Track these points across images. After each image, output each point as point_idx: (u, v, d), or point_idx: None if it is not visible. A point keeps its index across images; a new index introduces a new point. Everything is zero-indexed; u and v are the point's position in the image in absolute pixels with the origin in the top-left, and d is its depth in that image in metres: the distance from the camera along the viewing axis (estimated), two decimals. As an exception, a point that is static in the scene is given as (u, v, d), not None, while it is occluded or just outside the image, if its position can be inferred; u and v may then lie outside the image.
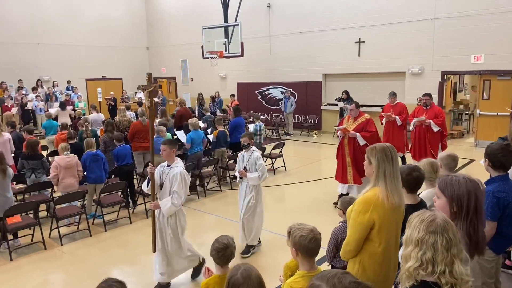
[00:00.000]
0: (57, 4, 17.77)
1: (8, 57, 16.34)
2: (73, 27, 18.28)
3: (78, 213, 6.32)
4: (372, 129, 6.76)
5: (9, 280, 5.07)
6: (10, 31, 16.37)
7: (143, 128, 8.44)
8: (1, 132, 7.61)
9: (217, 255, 2.90)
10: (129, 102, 16.48)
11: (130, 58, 20.66)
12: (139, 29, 21.07)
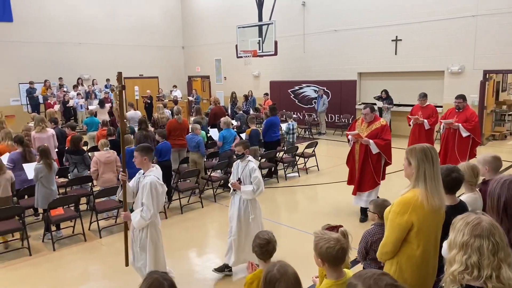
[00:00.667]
0: (97, 5, 18.40)
1: (51, 56, 17.10)
2: (112, 27, 18.88)
3: (116, 207, 6.54)
4: (388, 136, 6.22)
5: (53, 269, 5.33)
6: (54, 32, 17.11)
7: (178, 126, 8.62)
8: (46, 128, 7.99)
9: (260, 251, 2.96)
10: (165, 100, 16.85)
11: (166, 57, 21.11)
12: (175, 29, 21.48)
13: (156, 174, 4.15)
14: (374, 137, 6.19)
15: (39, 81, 16.06)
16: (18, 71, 16.21)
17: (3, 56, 15.90)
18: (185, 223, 6.83)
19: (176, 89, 18.90)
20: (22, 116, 15.35)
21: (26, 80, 16.00)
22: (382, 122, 6.29)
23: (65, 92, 15.94)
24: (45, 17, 16.84)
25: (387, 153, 6.26)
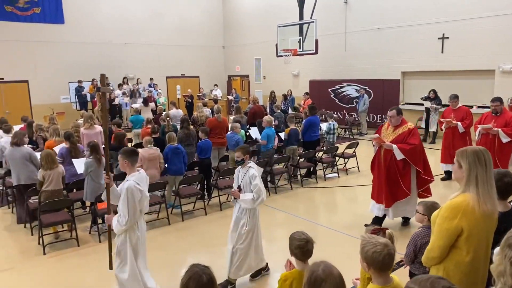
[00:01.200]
0: (142, 6, 18.99)
1: (98, 56, 17.84)
2: (156, 27, 19.42)
3: (159, 202, 6.73)
4: (414, 141, 5.57)
5: (99, 260, 5.55)
6: (101, 33, 17.85)
7: (218, 125, 8.75)
8: (94, 125, 8.36)
9: (301, 252, 2.93)
10: (205, 99, 17.14)
11: (207, 56, 21.46)
12: (216, 29, 21.78)
13: (137, 179, 3.93)
14: (400, 142, 5.60)
15: (87, 80, 16.81)
16: (68, 70, 17.05)
17: (54, 56, 16.78)
18: (224, 219, 6.91)
19: (217, 88, 19.17)
20: (71, 113, 16.12)
21: (75, 79, 16.80)
22: (410, 125, 5.72)
23: (111, 90, 16.58)
24: (94, 19, 17.60)
25: (414, 159, 5.61)
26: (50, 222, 5.79)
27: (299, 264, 2.98)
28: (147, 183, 4.14)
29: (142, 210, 4.02)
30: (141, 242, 4.08)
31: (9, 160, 6.55)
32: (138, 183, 3.93)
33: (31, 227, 6.42)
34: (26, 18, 16.07)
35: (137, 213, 3.92)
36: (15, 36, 15.85)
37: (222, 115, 9.33)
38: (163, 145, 7.69)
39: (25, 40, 16.06)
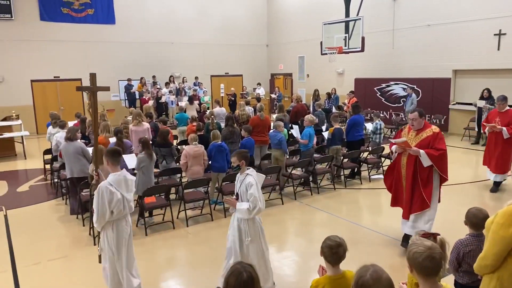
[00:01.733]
0: (188, 6, 19.43)
1: (146, 55, 18.47)
2: (201, 27, 19.80)
3: (202, 198, 6.87)
4: (442, 146, 5.05)
5: (145, 252, 5.76)
6: (149, 32, 18.45)
7: (260, 123, 8.78)
8: (142, 122, 8.66)
9: (329, 252, 2.85)
10: (248, 97, 17.26)
11: (251, 55, 21.59)
12: (260, 27, 21.85)
13: (112, 180, 3.91)
14: (425, 147, 5.10)
15: (135, 78, 17.45)
16: (118, 69, 17.78)
17: (106, 55, 17.56)
18: (265, 218, 6.86)
19: (260, 86, 19.24)
20: (121, 110, 16.81)
21: (124, 77, 17.48)
22: (434, 129, 5.14)
23: (158, 89, 17.11)
24: (143, 19, 18.23)
25: (442, 166, 5.11)
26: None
27: (330, 269, 2.90)
28: (130, 186, 4.09)
29: (115, 212, 3.94)
30: (120, 243, 4.04)
31: (63, 154, 6.93)
32: (112, 184, 3.91)
33: (83, 218, 6.76)
34: (80, 19, 16.93)
35: (106, 213, 3.87)
36: (70, 37, 16.74)
37: (265, 114, 9.35)
38: (207, 142, 7.83)
39: (79, 40, 16.92)
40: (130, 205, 4.09)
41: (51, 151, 9.10)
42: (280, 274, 4.99)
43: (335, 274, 2.85)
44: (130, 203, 4.08)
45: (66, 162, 6.92)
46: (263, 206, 4.16)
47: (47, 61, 16.29)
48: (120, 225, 4.05)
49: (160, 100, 16.64)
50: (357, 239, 5.90)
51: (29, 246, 5.89)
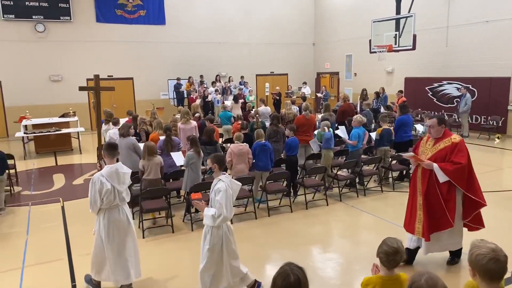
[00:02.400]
0: (235, 6, 19.64)
1: (194, 54, 18.89)
2: (247, 26, 19.95)
3: (247, 196, 6.92)
4: (461, 159, 4.43)
5: (191, 247, 5.90)
6: (197, 32, 18.85)
7: (306, 122, 8.70)
8: (190, 120, 8.88)
9: (385, 258, 2.79)
10: (293, 96, 17.17)
11: (296, 54, 21.46)
12: (307, 26, 21.67)
13: (105, 172, 4.25)
14: (441, 160, 4.50)
15: (184, 77, 17.90)
16: (167, 68, 18.33)
17: (156, 55, 18.16)
18: (309, 218, 6.88)
19: (305, 85, 19.09)
20: (170, 109, 17.32)
21: (173, 77, 17.99)
22: (454, 139, 4.54)
23: (205, 88, 17.45)
24: (191, 20, 18.66)
25: (461, 181, 4.49)
26: (150, 209, 6.29)
27: (383, 270, 2.85)
28: (121, 178, 4.35)
29: (105, 201, 4.24)
30: (110, 230, 4.33)
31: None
32: (104, 175, 4.23)
33: (133, 212, 7.02)
34: (132, 20, 17.62)
35: (97, 202, 4.22)
36: (123, 37, 17.47)
37: (310, 113, 9.25)
38: (251, 141, 7.88)
39: (131, 40, 17.62)
40: (122, 196, 4.36)
41: (104, 147, 9.52)
42: (324, 276, 4.93)
43: (387, 275, 2.80)
44: (121, 194, 4.35)
45: (121, 158, 7.17)
46: (228, 215, 3.94)
47: (102, 61, 17.11)
48: (112, 213, 4.35)
49: (207, 99, 16.96)
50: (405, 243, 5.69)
51: (83, 236, 6.21)
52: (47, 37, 16.12)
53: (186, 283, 4.89)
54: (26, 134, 12.24)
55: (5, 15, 15.24)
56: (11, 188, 8.52)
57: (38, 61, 15.95)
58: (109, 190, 4.22)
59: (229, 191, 3.99)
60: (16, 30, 15.58)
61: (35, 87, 15.61)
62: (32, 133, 12.24)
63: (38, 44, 15.99)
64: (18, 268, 5.27)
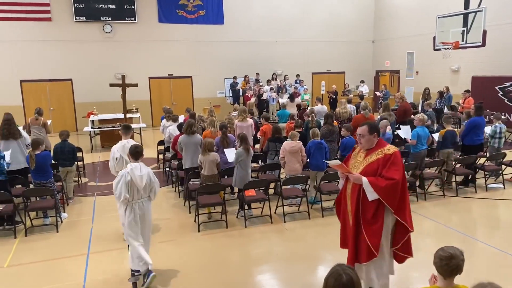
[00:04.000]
0: (292, 4, 19.53)
1: (250, 53, 19.06)
2: (304, 24, 19.77)
3: (300, 195, 6.87)
4: (394, 174, 3.68)
5: (244, 243, 5.97)
6: (254, 31, 18.99)
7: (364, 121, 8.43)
8: (246, 118, 8.97)
9: (439, 263, 2.66)
10: (350, 95, 16.78)
11: (354, 52, 20.92)
12: (366, 23, 21.04)
13: (118, 145, 5.83)
14: (372, 175, 3.77)
15: (240, 76, 18.14)
16: (224, 67, 18.67)
17: (214, 54, 18.56)
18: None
19: (363, 84, 18.57)
20: (225, 107, 17.63)
21: (230, 75, 18.29)
22: (388, 150, 3.79)
23: (260, 86, 17.56)
24: (249, 19, 18.85)
25: (392, 201, 3.71)
26: (205, 203, 6.44)
27: (441, 280, 2.69)
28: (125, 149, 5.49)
29: (117, 168, 5.53)
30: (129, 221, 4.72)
31: (184, 146, 7.35)
32: (118, 149, 5.79)
33: (189, 205, 7.26)
34: (192, 20, 18.15)
35: (113, 168, 5.70)
36: (182, 37, 18.05)
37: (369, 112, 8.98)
38: (305, 140, 7.79)
39: (191, 40, 18.16)
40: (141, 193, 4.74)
41: (164, 142, 9.93)
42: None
43: (446, 286, 2.65)
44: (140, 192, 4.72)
45: (186, 154, 7.34)
46: (118, 197, 4.59)
47: (163, 60, 17.80)
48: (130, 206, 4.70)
49: (262, 97, 17.05)
50: (469, 252, 5.34)
51: (142, 227, 6.50)
52: (113, 37, 17.07)
53: (236, 278, 4.95)
54: (93, 129, 13.07)
55: (77, 17, 16.35)
56: (79, 179, 9.13)
57: (104, 60, 16.95)
58: (117, 158, 5.62)
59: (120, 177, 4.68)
60: (86, 31, 16.66)
61: (102, 84, 16.54)
62: (98, 128, 13.04)
63: (105, 44, 16.98)
64: (84, 254, 5.64)
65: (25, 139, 7.64)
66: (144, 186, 4.70)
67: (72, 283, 4.87)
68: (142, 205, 4.76)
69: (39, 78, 16.23)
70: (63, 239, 6.18)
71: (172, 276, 5.02)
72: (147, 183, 4.75)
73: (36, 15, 15.83)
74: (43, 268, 5.29)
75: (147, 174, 4.77)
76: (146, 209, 4.81)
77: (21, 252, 5.75)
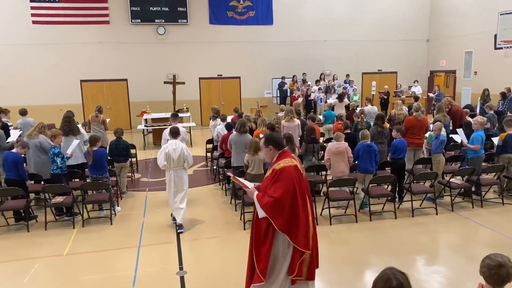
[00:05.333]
0: (343, 3, 19.18)
1: (299, 53, 18.95)
2: (355, 23, 19.33)
3: (347, 198, 6.74)
4: (274, 192, 3.46)
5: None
6: (303, 31, 18.86)
7: (417, 124, 8.13)
8: (293, 118, 8.95)
9: (488, 273, 2.52)
10: (402, 96, 16.22)
11: (408, 51, 20.16)
12: (421, 21, 20.20)
13: (167, 129, 7.11)
14: (264, 190, 3.61)
15: (288, 76, 18.10)
16: (272, 67, 18.71)
17: (262, 54, 18.66)
18: (415, 227, 6.44)
19: (417, 84, 17.87)
20: (272, 107, 17.68)
21: (278, 75, 18.30)
22: (278, 165, 3.57)
23: (308, 86, 17.42)
24: (298, 18, 18.75)
25: (277, 219, 3.45)
26: (250, 202, 6.48)
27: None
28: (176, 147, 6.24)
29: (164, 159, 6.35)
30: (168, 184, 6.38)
31: (233, 145, 7.47)
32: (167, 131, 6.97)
33: (235, 203, 7.36)
34: (242, 22, 18.36)
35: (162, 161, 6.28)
36: (232, 38, 18.31)
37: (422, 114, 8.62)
38: (354, 141, 7.63)
39: (240, 41, 18.37)
40: (176, 163, 6.21)
41: (212, 141, 10.15)
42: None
43: None
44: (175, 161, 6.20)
45: (235, 152, 7.47)
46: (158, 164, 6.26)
47: (212, 61, 18.17)
48: (168, 172, 6.31)
49: (309, 98, 16.91)
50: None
51: (190, 223, 6.69)
52: (166, 39, 17.67)
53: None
54: (146, 127, 13.62)
55: (133, 20, 17.10)
56: (132, 175, 9.56)
57: (157, 61, 17.58)
58: (168, 139, 6.46)
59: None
60: (140, 33, 17.38)
61: (155, 84, 17.21)
62: (151, 126, 13.56)
63: (158, 45, 17.62)
64: (135, 246, 5.90)
65: (83, 135, 8.13)
66: (178, 158, 6.16)
67: (124, 274, 5.11)
68: (177, 172, 6.27)
69: (97, 78, 17.17)
70: (116, 231, 6.50)
71: (218, 272, 5.12)
72: (181, 155, 6.18)
73: (96, 18, 16.75)
74: (98, 258, 5.60)
75: (180, 148, 6.19)
76: (180, 175, 6.31)
77: (79, 242, 6.12)
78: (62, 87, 16.69)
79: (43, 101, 16.14)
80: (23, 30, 16.03)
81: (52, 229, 6.56)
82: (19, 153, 6.80)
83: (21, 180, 6.75)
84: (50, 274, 5.21)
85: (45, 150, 7.11)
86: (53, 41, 16.43)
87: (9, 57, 16.05)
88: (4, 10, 15.81)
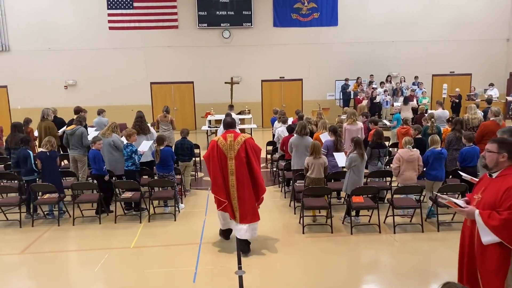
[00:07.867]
0: (412, 2, 18.30)
1: (365, 54, 18.39)
2: (426, 23, 18.35)
3: (414, 206, 6.41)
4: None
5: (349, 250, 5.81)
6: (369, 32, 18.27)
7: (495, 129, 7.50)
8: (356, 121, 8.71)
9: None
10: (476, 99, 15.13)
11: (484, 51, 18.74)
12: (500, 19, 18.67)
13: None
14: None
15: (352, 78, 17.65)
16: (335, 69, 18.34)
17: (325, 56, 18.37)
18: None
19: (493, 87, 16.56)
20: (335, 109, 17.33)
21: (341, 77, 17.90)
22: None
23: (373, 88, 16.85)
24: (364, 19, 18.22)
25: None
26: (310, 206, 6.42)
27: None
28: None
29: None
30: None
31: (295, 147, 7.42)
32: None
33: (295, 206, 7.31)
34: (306, 23, 18.23)
35: None
36: (295, 40, 18.24)
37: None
38: (424, 146, 7.24)
39: (303, 43, 18.25)
40: None
41: (273, 143, 10.18)
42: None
43: None
44: None
45: (295, 155, 7.43)
46: None
47: (275, 63, 18.24)
48: None
49: (375, 100, 16.35)
50: None
51: (250, 223, 6.74)
52: (231, 42, 18.06)
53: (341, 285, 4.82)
54: (210, 128, 14.03)
55: (200, 24, 17.70)
56: (195, 173, 9.88)
57: (222, 64, 18.03)
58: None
59: None
60: (206, 37, 17.94)
61: (219, 87, 17.64)
62: (215, 127, 13.92)
63: (223, 49, 18.06)
64: (197, 243, 6.08)
65: (153, 134, 8.56)
66: None
67: (185, 269, 5.28)
68: None
69: (166, 81, 18.01)
70: (180, 227, 6.75)
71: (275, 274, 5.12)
72: None
73: (166, 23, 17.59)
74: (162, 252, 5.84)
75: None
76: None
77: (144, 236, 6.44)
78: (134, 88, 17.72)
79: (116, 101, 17.26)
80: (101, 35, 17.29)
81: (121, 223, 6.98)
82: (97, 149, 7.30)
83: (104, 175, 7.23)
84: (118, 265, 5.54)
85: (118, 148, 7.58)
86: (127, 45, 17.53)
87: (89, 61, 17.40)
88: (85, 18, 17.16)
